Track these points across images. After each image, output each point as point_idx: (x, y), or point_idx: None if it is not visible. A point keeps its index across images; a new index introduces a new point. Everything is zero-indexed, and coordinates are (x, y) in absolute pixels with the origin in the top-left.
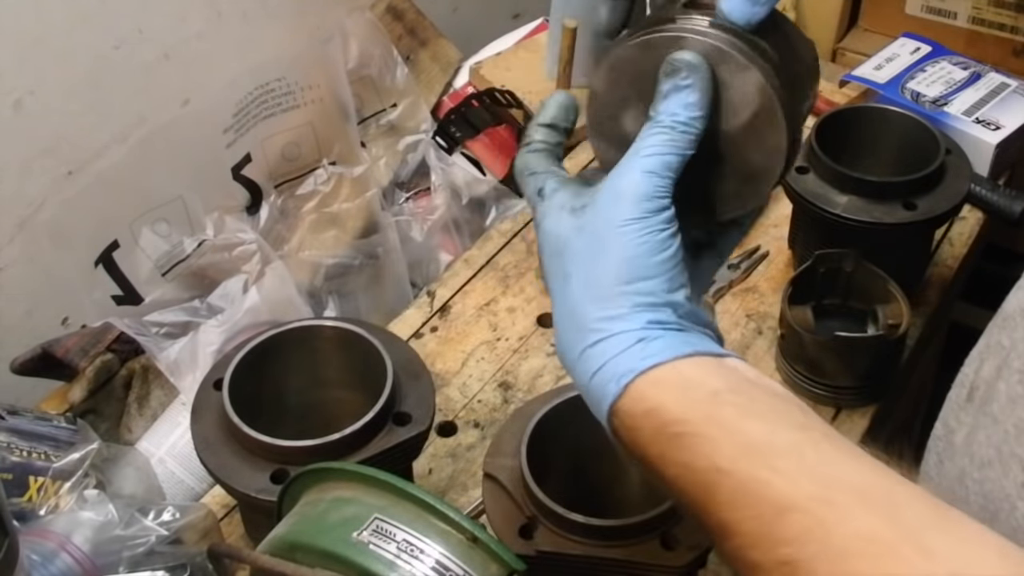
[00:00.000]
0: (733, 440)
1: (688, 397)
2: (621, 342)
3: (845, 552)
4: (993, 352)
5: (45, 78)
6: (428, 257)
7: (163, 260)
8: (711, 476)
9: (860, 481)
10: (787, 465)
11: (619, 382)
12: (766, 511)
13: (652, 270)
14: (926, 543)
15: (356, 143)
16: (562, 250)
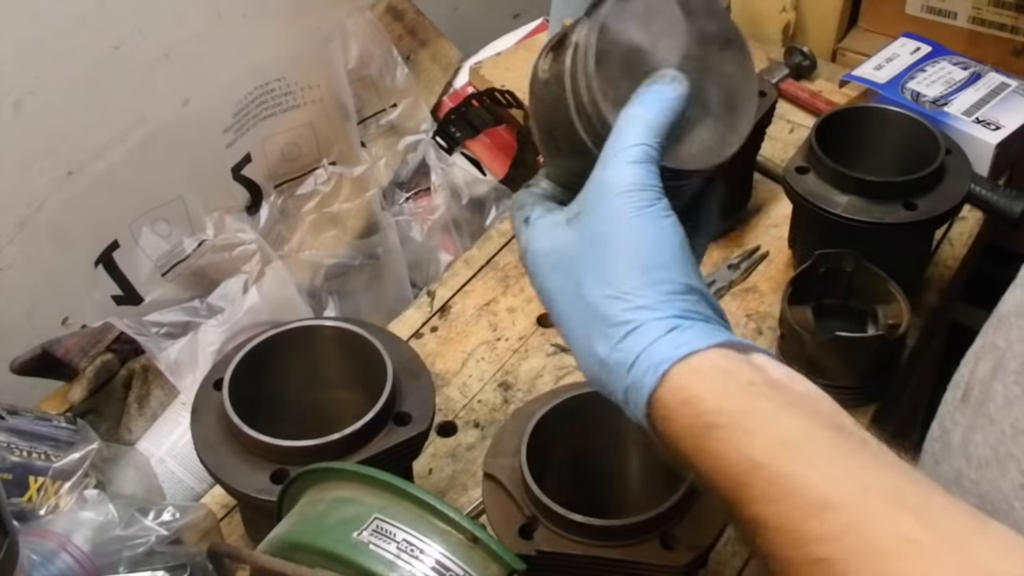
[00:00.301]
0: (769, 433)
1: (725, 388)
2: (652, 331)
3: (883, 552)
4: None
5: (45, 78)
6: (428, 257)
7: (163, 260)
8: (745, 469)
9: (897, 483)
10: (824, 462)
11: (656, 371)
12: (801, 507)
13: (666, 257)
14: (965, 547)
15: (356, 143)
16: (565, 261)
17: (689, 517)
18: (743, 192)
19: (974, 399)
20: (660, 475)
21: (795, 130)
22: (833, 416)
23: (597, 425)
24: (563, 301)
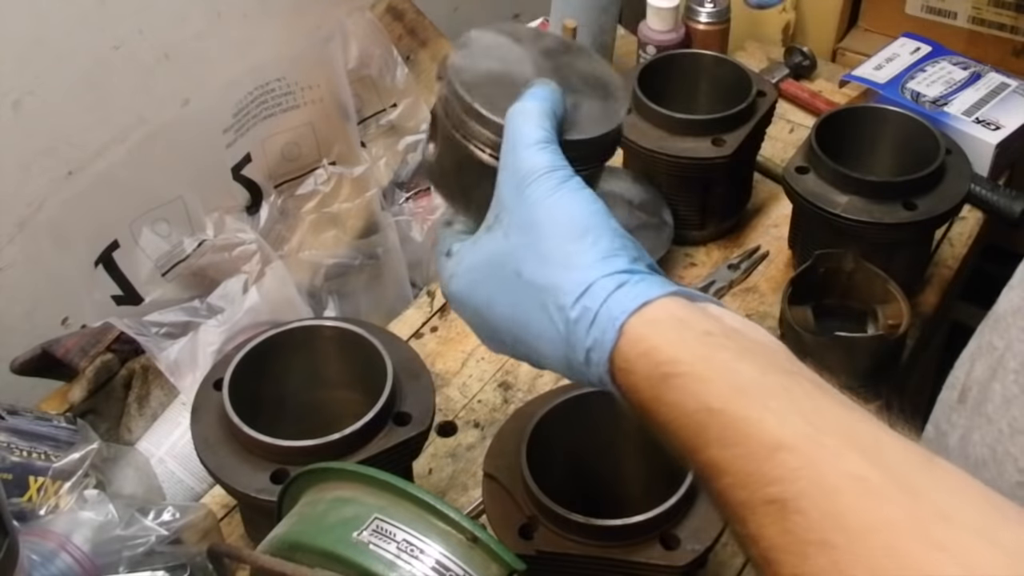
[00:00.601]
0: (725, 380)
1: (682, 337)
2: (603, 289)
3: (832, 490)
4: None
5: (45, 78)
6: (428, 257)
7: (163, 260)
8: (702, 416)
9: (848, 425)
10: (779, 406)
11: (615, 324)
12: (756, 450)
13: (597, 221)
14: (912, 484)
15: (356, 143)
16: (495, 266)
17: (689, 517)
18: (743, 192)
19: (971, 400)
20: (660, 475)
21: (795, 130)
22: (788, 363)
23: (597, 425)
24: (503, 305)
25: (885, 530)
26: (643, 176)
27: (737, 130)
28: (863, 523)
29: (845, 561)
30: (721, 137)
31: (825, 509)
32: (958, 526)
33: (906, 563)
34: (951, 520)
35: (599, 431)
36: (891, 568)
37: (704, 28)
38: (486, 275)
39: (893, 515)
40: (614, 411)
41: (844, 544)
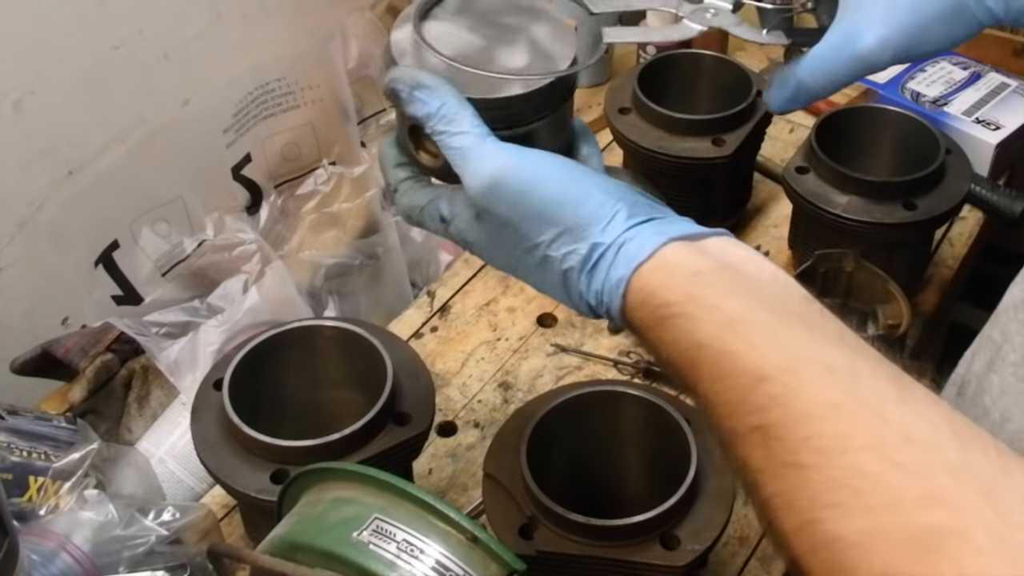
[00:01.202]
0: (712, 318)
1: (672, 281)
2: (608, 257)
3: (808, 416)
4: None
5: (45, 78)
6: (428, 257)
7: (163, 260)
8: (694, 352)
9: (826, 356)
10: (761, 340)
11: (618, 289)
12: (741, 381)
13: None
14: (882, 410)
15: (356, 143)
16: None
17: (689, 517)
18: (743, 192)
19: (970, 392)
20: (660, 475)
21: (795, 130)
22: (779, 294)
23: (597, 425)
24: (520, 271)
25: (852, 452)
26: (643, 176)
27: (737, 130)
28: (833, 445)
29: (815, 479)
30: (721, 137)
31: (800, 434)
32: (919, 447)
33: (870, 481)
34: (913, 442)
35: (599, 431)
36: (856, 485)
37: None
38: (494, 248)
39: (860, 438)
40: (614, 411)
41: (815, 464)
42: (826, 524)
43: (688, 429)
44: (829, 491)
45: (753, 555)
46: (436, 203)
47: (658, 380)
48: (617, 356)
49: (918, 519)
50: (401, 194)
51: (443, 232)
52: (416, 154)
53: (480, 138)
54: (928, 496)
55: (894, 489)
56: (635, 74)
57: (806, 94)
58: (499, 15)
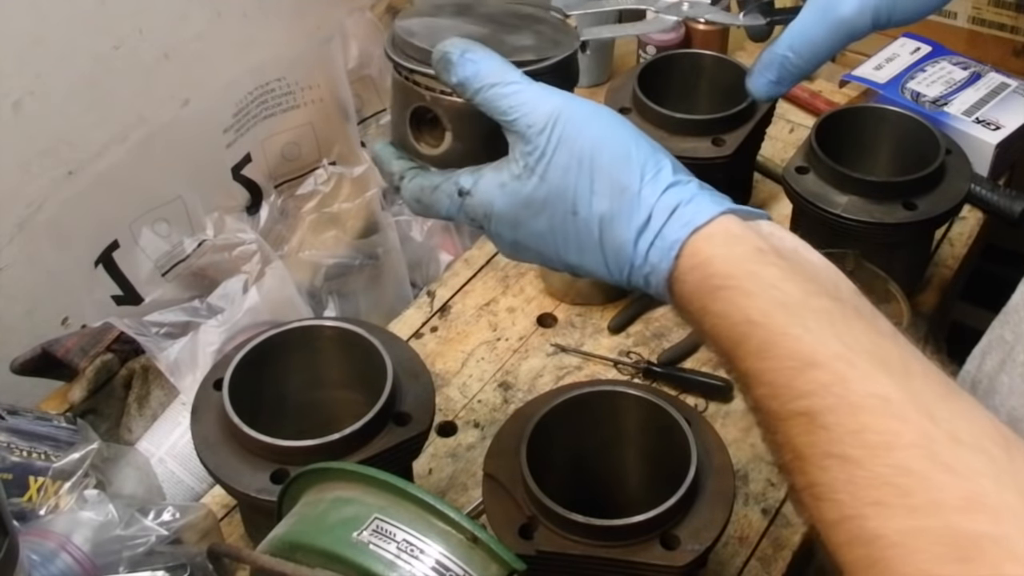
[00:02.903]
0: (769, 296)
1: (733, 253)
2: (661, 214)
3: (858, 407)
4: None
5: (45, 78)
6: (428, 257)
7: (163, 260)
8: (744, 328)
9: (880, 349)
10: (817, 326)
11: (672, 250)
12: (790, 365)
13: (636, 148)
14: (931, 409)
15: (356, 143)
16: (544, 203)
17: (689, 517)
18: (743, 192)
19: (980, 392)
20: (660, 475)
21: (795, 130)
22: (833, 285)
23: (597, 425)
24: (554, 239)
25: (899, 449)
26: None
27: (737, 130)
28: (880, 441)
29: (859, 475)
30: (721, 137)
31: (847, 425)
32: (965, 447)
33: (914, 481)
34: (960, 442)
35: (599, 431)
36: (901, 484)
37: (704, 28)
38: (532, 214)
39: (909, 435)
40: (614, 411)
41: (861, 459)
42: (868, 521)
43: (688, 429)
44: (873, 488)
45: (753, 555)
46: (453, 178)
47: (658, 380)
48: (617, 356)
49: (959, 523)
50: (408, 180)
51: (457, 209)
52: (417, 145)
53: (532, 84)
54: (971, 500)
55: (938, 490)
56: (635, 74)
57: (789, 72)
58: (501, 17)
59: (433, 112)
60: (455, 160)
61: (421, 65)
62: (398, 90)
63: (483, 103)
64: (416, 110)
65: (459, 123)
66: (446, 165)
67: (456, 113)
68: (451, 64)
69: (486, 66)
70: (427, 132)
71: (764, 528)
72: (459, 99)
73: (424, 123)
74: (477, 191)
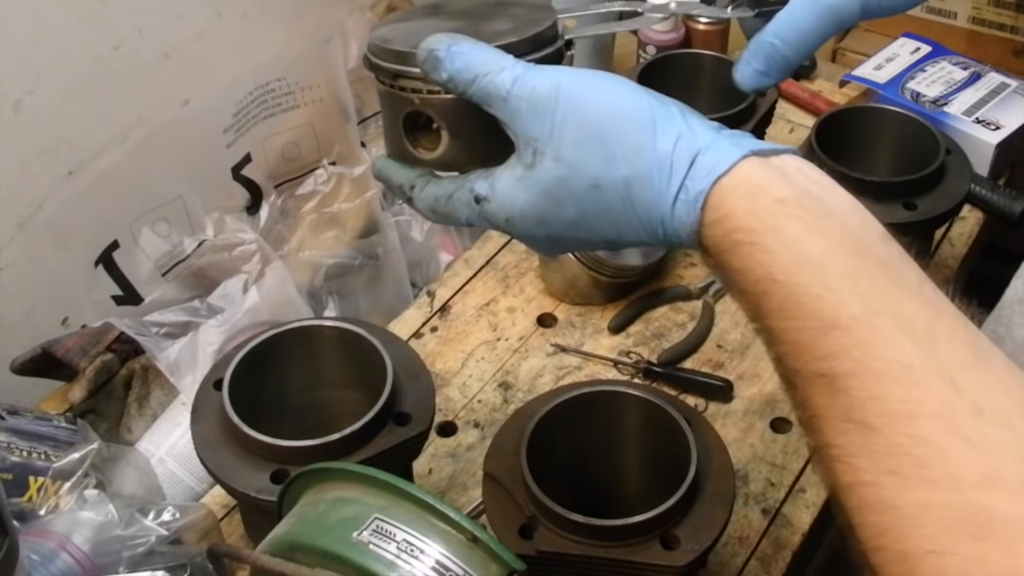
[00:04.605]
0: (791, 254)
1: (755, 205)
2: (680, 167)
3: (880, 374)
4: None
5: (45, 78)
6: (428, 257)
7: (163, 260)
8: (765, 286)
9: (905, 310)
10: (839, 285)
11: (697, 202)
12: (812, 325)
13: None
14: (955, 377)
15: (356, 143)
16: (564, 185)
17: (689, 517)
18: None
19: None
20: (660, 475)
21: (795, 130)
22: (861, 228)
23: (597, 425)
24: (586, 220)
25: (920, 419)
26: None
27: (737, 130)
28: (900, 410)
29: (878, 443)
30: None
31: (868, 391)
32: (987, 420)
33: (933, 452)
34: (982, 414)
35: (599, 431)
36: (919, 455)
37: (704, 28)
38: (556, 202)
39: (930, 405)
40: (614, 411)
41: (880, 426)
42: (883, 490)
43: (688, 429)
44: (891, 456)
45: (753, 555)
46: (467, 185)
47: (658, 380)
48: (617, 356)
49: (976, 500)
50: (420, 189)
51: (476, 215)
52: (416, 152)
53: (524, 65)
54: (989, 476)
55: (956, 464)
56: (635, 74)
57: (777, 63)
58: (474, 9)
59: (425, 114)
60: (457, 159)
61: (404, 69)
62: (385, 99)
63: (477, 94)
64: (407, 116)
65: (453, 120)
66: (449, 166)
67: (448, 110)
68: (439, 60)
69: (475, 56)
70: (423, 136)
71: (764, 528)
72: (448, 96)
73: (418, 127)
74: (495, 195)
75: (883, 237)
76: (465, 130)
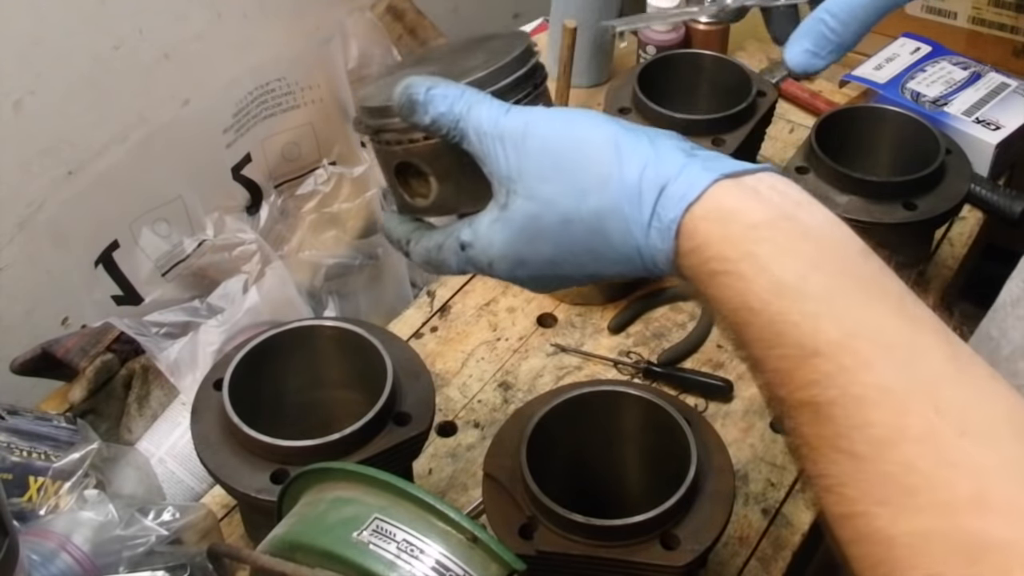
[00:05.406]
0: (766, 280)
1: (728, 232)
2: (649, 195)
3: (862, 400)
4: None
5: (45, 78)
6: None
7: (163, 260)
8: (743, 315)
9: (884, 330)
10: (816, 309)
11: (670, 231)
12: (792, 352)
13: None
14: (937, 397)
15: (356, 143)
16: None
17: (689, 517)
18: None
19: None
20: (660, 475)
21: (795, 130)
22: (839, 246)
23: (597, 425)
24: (561, 256)
25: (904, 444)
26: None
27: (737, 130)
28: (885, 436)
29: (867, 472)
30: (721, 137)
31: (853, 419)
32: (973, 440)
33: (921, 479)
34: (967, 434)
35: (599, 431)
36: (908, 483)
37: (704, 28)
38: (529, 240)
39: (913, 430)
40: (614, 411)
41: (867, 455)
42: (876, 520)
43: (688, 429)
44: (880, 485)
45: (753, 555)
46: (454, 233)
47: (658, 380)
48: (617, 356)
49: (967, 525)
50: (415, 243)
51: (465, 262)
52: (413, 201)
53: (502, 105)
54: (979, 500)
55: (945, 490)
56: (635, 74)
57: (828, 40)
58: (455, 48)
59: (411, 163)
60: (449, 201)
61: (384, 122)
62: (378, 156)
63: (454, 135)
64: (397, 167)
65: (437, 164)
66: (445, 209)
67: (430, 155)
68: (415, 104)
69: (453, 95)
70: (415, 184)
71: (764, 528)
72: (430, 141)
73: (410, 176)
74: (477, 240)
75: (862, 252)
76: (451, 172)
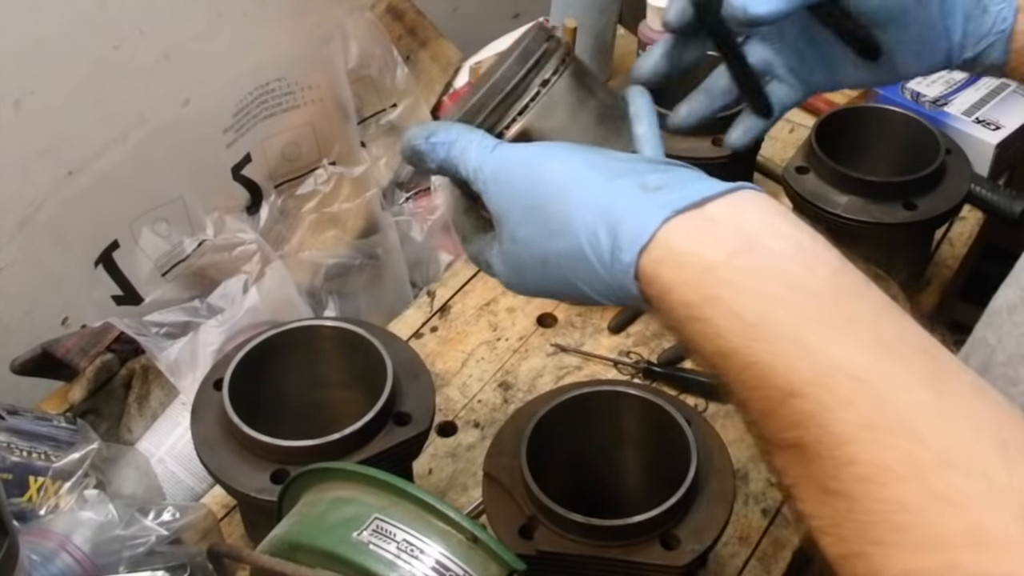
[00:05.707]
0: (732, 324)
1: (683, 277)
2: (604, 240)
3: (844, 439)
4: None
5: (45, 78)
6: (428, 257)
7: (163, 260)
8: (717, 360)
9: (856, 363)
10: (786, 348)
11: (628, 275)
12: (771, 394)
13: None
14: (918, 428)
15: (356, 143)
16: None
17: (689, 517)
18: None
19: None
20: (660, 475)
21: (795, 130)
22: (805, 275)
23: (597, 425)
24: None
25: (891, 482)
26: None
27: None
28: (870, 474)
29: (858, 511)
30: (720, 137)
31: (837, 458)
32: (958, 471)
33: (912, 517)
34: (952, 465)
35: (599, 431)
36: (899, 521)
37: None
38: (520, 275)
39: (898, 466)
40: (614, 411)
41: (856, 495)
42: (872, 560)
43: (688, 429)
44: (873, 525)
45: (753, 555)
46: (485, 250)
47: (658, 380)
48: (617, 356)
49: (963, 561)
50: (467, 242)
51: (493, 276)
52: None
53: (493, 143)
54: (972, 534)
55: (936, 525)
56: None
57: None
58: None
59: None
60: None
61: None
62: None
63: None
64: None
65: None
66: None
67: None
68: (422, 155)
69: (450, 139)
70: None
71: (764, 528)
72: None
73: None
74: (492, 262)
75: (834, 272)
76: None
